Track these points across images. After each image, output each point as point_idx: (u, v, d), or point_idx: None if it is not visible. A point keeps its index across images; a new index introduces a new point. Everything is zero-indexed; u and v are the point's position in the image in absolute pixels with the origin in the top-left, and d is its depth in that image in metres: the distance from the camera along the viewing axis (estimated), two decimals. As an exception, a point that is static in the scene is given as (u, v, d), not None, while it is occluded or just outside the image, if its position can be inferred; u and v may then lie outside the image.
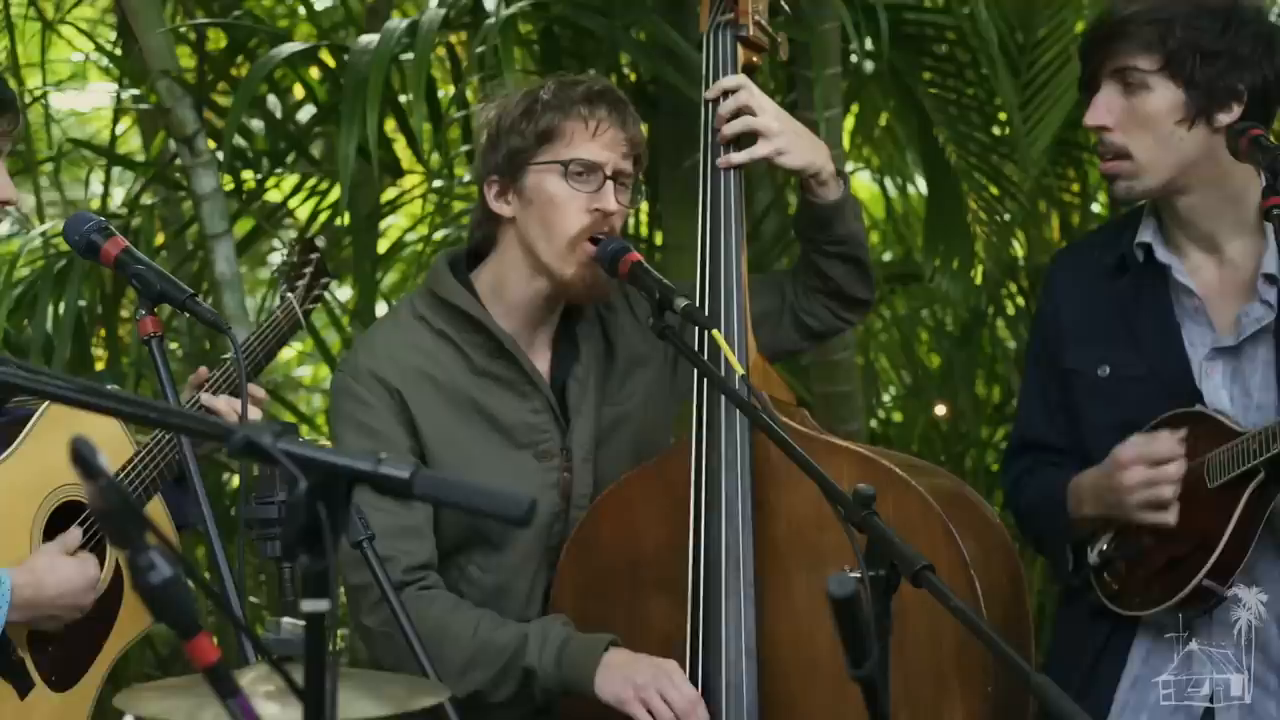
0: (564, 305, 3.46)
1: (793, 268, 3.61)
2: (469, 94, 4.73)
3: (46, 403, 3.09)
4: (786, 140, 3.37)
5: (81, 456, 1.77)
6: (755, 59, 3.49)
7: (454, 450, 3.34)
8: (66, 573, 3.02)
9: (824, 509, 2.97)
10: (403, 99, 4.75)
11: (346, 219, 5.06)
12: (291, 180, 5.25)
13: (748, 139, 3.39)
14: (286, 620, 2.38)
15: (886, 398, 6.12)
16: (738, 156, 3.39)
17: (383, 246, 5.54)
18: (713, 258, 3.37)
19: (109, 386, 2.95)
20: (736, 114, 3.38)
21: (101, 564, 3.13)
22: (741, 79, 3.41)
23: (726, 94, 3.40)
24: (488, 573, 3.40)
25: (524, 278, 3.40)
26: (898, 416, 6.08)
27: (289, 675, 1.99)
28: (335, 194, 5.16)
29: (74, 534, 3.07)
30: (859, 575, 2.38)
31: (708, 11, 3.46)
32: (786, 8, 3.62)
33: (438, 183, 5.16)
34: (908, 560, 2.56)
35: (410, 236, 5.63)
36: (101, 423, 3.09)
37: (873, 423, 5.71)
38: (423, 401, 3.35)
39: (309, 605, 1.91)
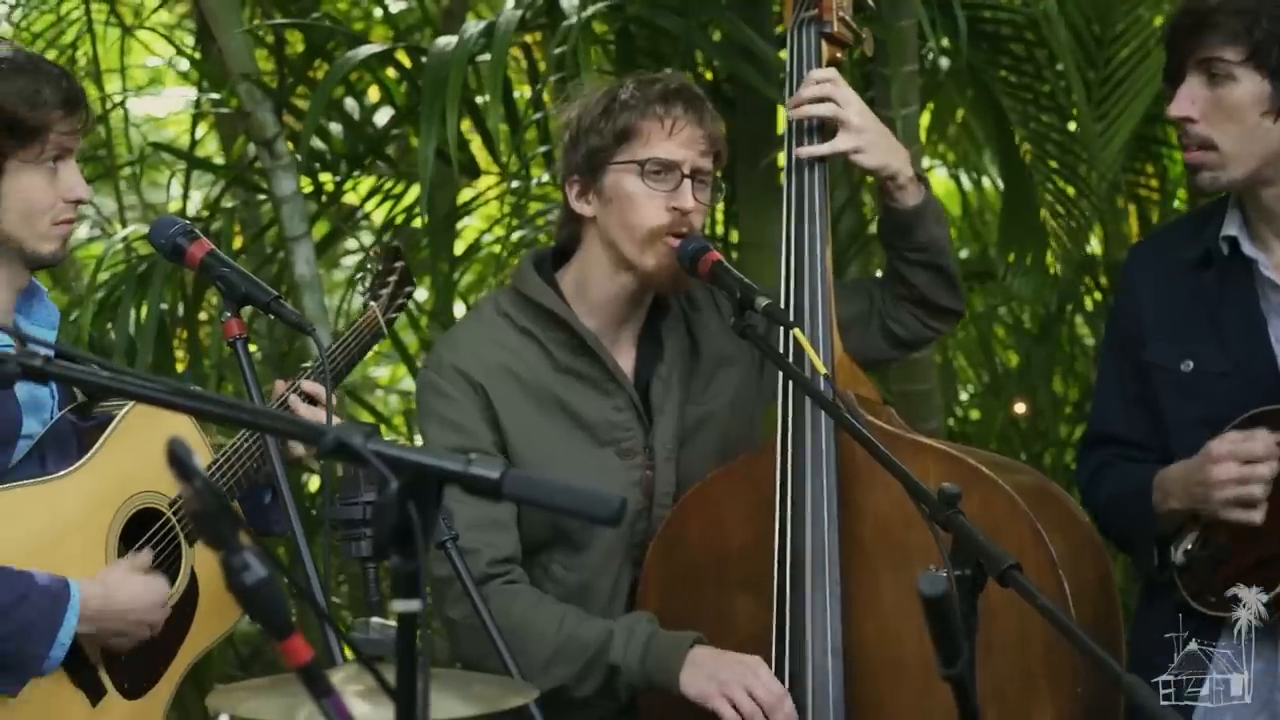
0: (649, 303, 3.47)
1: (882, 277, 3.59)
2: (545, 95, 4.74)
3: (126, 408, 3.12)
4: (867, 138, 3.37)
5: (178, 458, 1.79)
6: (839, 55, 3.47)
7: (537, 446, 3.36)
8: (135, 588, 3.03)
9: (910, 508, 2.95)
10: (479, 100, 4.76)
11: (422, 221, 5.08)
12: (368, 182, 5.28)
13: (829, 131, 3.38)
14: (375, 620, 2.39)
15: (964, 395, 6.09)
16: (819, 148, 3.38)
17: (459, 248, 5.56)
18: (797, 255, 3.36)
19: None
20: (819, 100, 3.37)
21: (176, 573, 3.16)
22: (832, 72, 3.41)
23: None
24: (571, 571, 3.41)
25: (607, 275, 3.41)
26: (975, 414, 6.05)
27: (381, 675, 2.00)
28: (411, 196, 5.19)
29: (145, 555, 3.09)
30: (959, 573, 2.38)
31: (791, 8, 3.46)
32: (872, 3, 3.60)
33: (514, 183, 5.18)
34: (994, 559, 2.55)
35: (486, 238, 5.65)
36: (178, 428, 3.12)
37: (950, 421, 5.68)
38: (506, 397, 3.37)
39: (400, 605, 1.92)
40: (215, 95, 5.22)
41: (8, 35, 5.33)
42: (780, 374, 3.31)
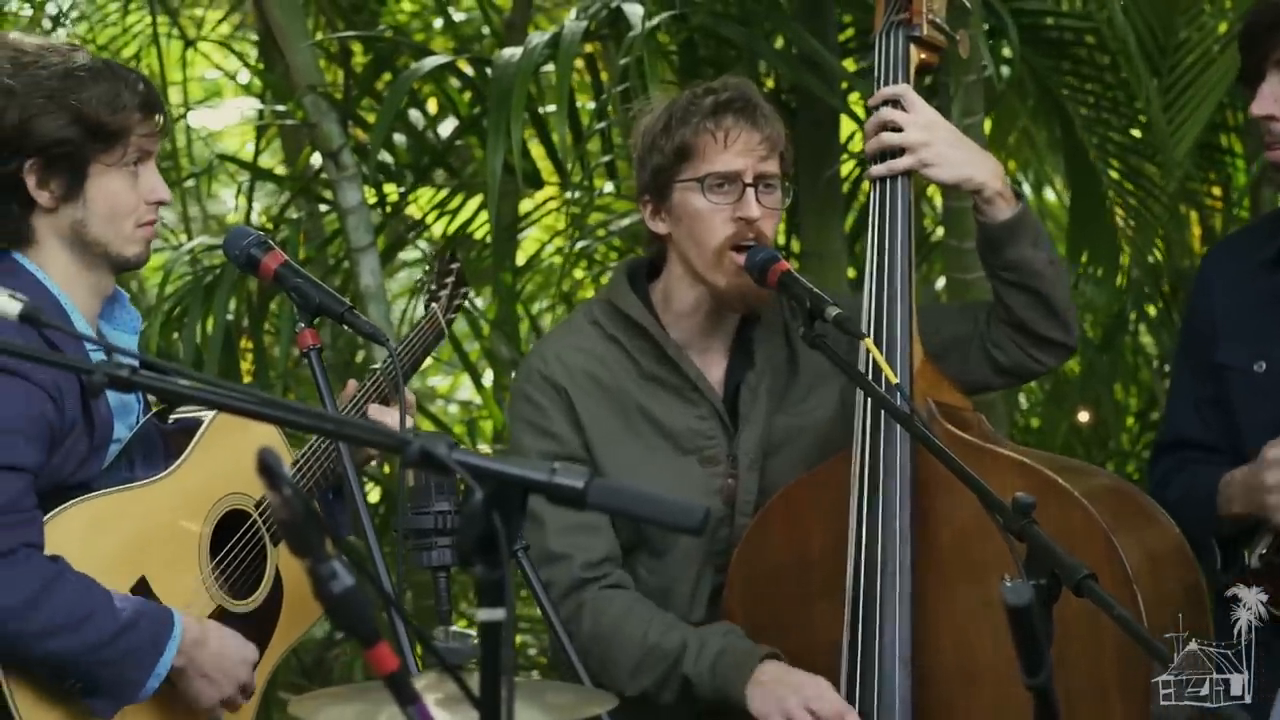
0: (738, 314, 3.47)
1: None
2: (610, 107, 4.74)
3: (213, 413, 3.15)
4: (934, 153, 3.33)
5: (268, 467, 1.80)
6: (925, 57, 3.44)
7: (618, 452, 3.38)
8: (229, 637, 3.06)
9: (986, 517, 2.96)
10: (543, 110, 4.78)
11: (489, 232, 5.10)
12: (427, 193, 5.29)
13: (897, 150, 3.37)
14: (454, 629, 2.40)
15: (1024, 403, 6.05)
16: (875, 169, 3.38)
17: (519, 258, 5.58)
18: (878, 261, 3.35)
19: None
20: (880, 129, 3.37)
21: (261, 578, 3.19)
22: (900, 89, 3.39)
23: (889, 104, 3.39)
24: (653, 574, 3.44)
25: (687, 288, 3.43)
26: (1035, 422, 6.02)
27: (465, 683, 2.01)
28: (471, 206, 5.21)
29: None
30: (1034, 583, 2.37)
31: (882, 11, 3.44)
32: (968, 4, 3.57)
33: (575, 193, 5.19)
34: (1069, 569, 2.55)
35: (547, 249, 5.68)
36: (264, 433, 3.16)
37: (1011, 430, 5.65)
38: (588, 403, 3.40)
39: (485, 614, 1.93)
40: (281, 107, 5.24)
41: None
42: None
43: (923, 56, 3.46)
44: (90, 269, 3.09)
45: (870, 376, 3.27)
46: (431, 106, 5.48)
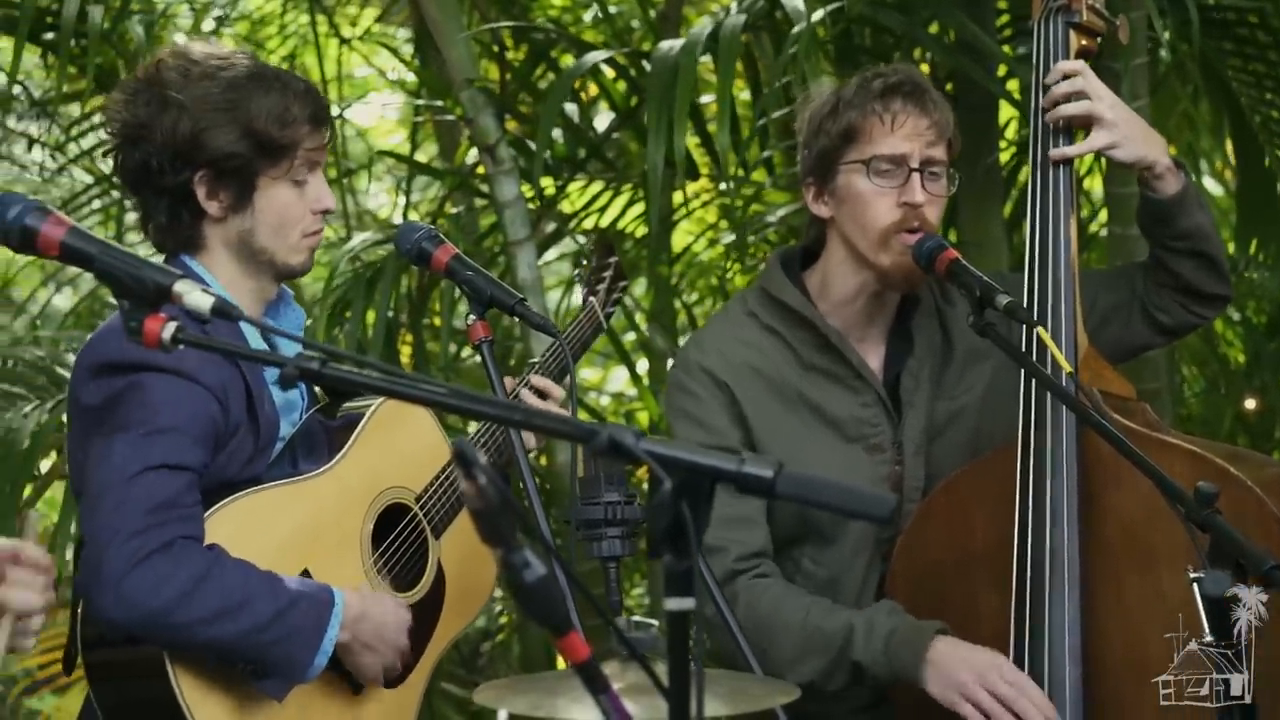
0: (897, 300, 3.45)
1: (1145, 261, 3.54)
2: (766, 108, 4.71)
3: (372, 408, 3.19)
4: (1121, 132, 3.32)
5: (464, 457, 1.82)
6: (1084, 43, 3.42)
7: (784, 443, 3.37)
8: (389, 605, 3.09)
9: (1155, 507, 2.92)
10: (698, 100, 4.77)
11: (636, 224, 5.11)
12: (578, 186, 5.31)
13: (1078, 131, 3.33)
14: (636, 619, 2.41)
15: (1188, 391, 5.95)
16: (1072, 149, 3.35)
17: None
18: (1041, 252, 3.33)
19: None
20: (1073, 97, 3.34)
21: (424, 566, 3.22)
22: (1080, 65, 3.37)
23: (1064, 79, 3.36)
24: (820, 565, 3.42)
25: (850, 273, 3.41)
26: (1199, 410, 5.92)
27: (654, 673, 2.01)
28: (619, 203, 5.22)
29: None
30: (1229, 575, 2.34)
31: None
32: None
33: (728, 185, 5.18)
34: (1256, 559, 2.51)
35: (699, 242, 5.68)
36: (422, 427, 3.19)
37: (1175, 419, 5.56)
38: (752, 395, 3.39)
39: (673, 604, 1.94)
40: (439, 102, 5.29)
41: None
42: (1023, 370, 3.27)
43: (1083, 42, 3.43)
44: (254, 276, 3.12)
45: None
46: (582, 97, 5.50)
